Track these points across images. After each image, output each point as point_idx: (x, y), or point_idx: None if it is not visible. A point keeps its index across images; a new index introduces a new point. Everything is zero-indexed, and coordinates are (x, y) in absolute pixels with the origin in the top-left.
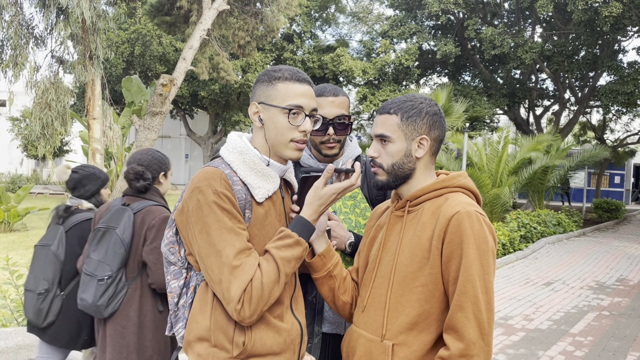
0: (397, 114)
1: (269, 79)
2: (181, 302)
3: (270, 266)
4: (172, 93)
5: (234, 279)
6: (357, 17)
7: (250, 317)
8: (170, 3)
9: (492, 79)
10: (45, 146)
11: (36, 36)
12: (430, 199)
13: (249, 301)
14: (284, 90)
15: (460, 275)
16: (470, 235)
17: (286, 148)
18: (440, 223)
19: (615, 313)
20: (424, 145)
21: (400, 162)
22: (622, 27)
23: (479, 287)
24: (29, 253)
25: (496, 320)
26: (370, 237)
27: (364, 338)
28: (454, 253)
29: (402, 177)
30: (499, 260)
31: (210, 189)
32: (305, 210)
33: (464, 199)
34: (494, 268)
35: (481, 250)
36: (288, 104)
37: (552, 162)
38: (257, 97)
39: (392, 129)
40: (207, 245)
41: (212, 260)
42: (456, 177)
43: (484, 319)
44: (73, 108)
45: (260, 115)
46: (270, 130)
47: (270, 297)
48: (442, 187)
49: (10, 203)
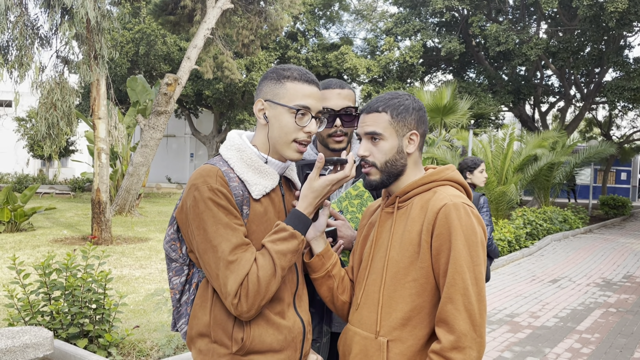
0: (387, 112)
1: (278, 77)
2: (184, 299)
3: (266, 260)
4: (177, 92)
5: (230, 274)
6: (361, 15)
7: (248, 312)
8: (175, 2)
9: (497, 75)
10: (51, 146)
11: (41, 36)
12: (419, 193)
13: (245, 295)
14: (292, 90)
15: (450, 268)
16: (458, 228)
17: (288, 148)
18: (428, 217)
19: (622, 310)
20: (414, 140)
21: (392, 159)
22: (627, 23)
23: (468, 278)
24: (36, 253)
25: (502, 318)
26: (363, 235)
27: (359, 336)
28: (443, 246)
29: (395, 174)
30: (504, 258)
31: (205, 185)
32: (300, 204)
33: (451, 192)
34: (484, 259)
35: (470, 241)
36: (296, 104)
37: (558, 159)
38: (264, 94)
39: (384, 127)
40: (204, 241)
41: (209, 256)
42: (444, 171)
43: (474, 310)
44: (78, 108)
45: (265, 112)
46: (274, 129)
47: (267, 291)
48: (431, 181)
49: (16, 203)
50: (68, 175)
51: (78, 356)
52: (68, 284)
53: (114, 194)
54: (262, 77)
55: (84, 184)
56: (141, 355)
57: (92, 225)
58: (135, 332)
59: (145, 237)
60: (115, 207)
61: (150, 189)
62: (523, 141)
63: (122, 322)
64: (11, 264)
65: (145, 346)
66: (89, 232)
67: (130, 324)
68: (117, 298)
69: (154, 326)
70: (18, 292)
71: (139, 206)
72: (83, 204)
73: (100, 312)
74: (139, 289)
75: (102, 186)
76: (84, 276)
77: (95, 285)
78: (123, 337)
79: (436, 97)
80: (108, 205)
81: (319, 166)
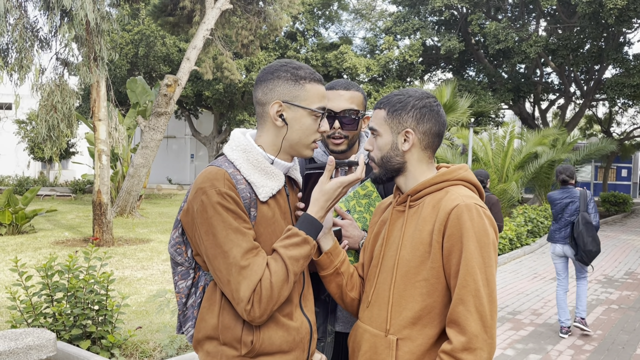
0: (385, 108)
1: (295, 77)
2: (190, 302)
3: (278, 266)
4: (177, 93)
5: (243, 280)
6: (360, 14)
7: (260, 317)
8: (174, 3)
9: (496, 73)
10: (52, 148)
11: (41, 39)
12: (430, 192)
13: (258, 301)
14: (312, 92)
15: (461, 269)
16: (470, 229)
17: (307, 148)
18: (440, 217)
19: (624, 306)
20: (409, 138)
21: (388, 156)
22: (627, 20)
23: (480, 280)
24: (37, 255)
25: (504, 315)
26: (375, 233)
27: (368, 333)
28: (455, 246)
29: (391, 170)
30: (506, 255)
31: (213, 189)
32: (311, 208)
33: (464, 192)
34: (495, 260)
35: (482, 243)
36: (318, 107)
37: (559, 156)
38: (281, 95)
39: (379, 123)
40: (213, 246)
41: (220, 262)
42: (456, 170)
43: (486, 312)
44: (78, 110)
45: (283, 114)
46: (294, 131)
47: (280, 296)
48: (443, 181)
49: (18, 205)
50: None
51: (81, 357)
52: (70, 286)
53: (115, 196)
54: (270, 75)
55: (84, 185)
56: (144, 356)
57: (94, 227)
58: (137, 333)
59: (146, 238)
60: (116, 208)
61: (151, 190)
62: (523, 139)
63: (124, 323)
64: (13, 266)
65: (148, 347)
66: (90, 234)
67: (133, 325)
68: (119, 299)
69: (157, 327)
70: (20, 294)
71: (140, 207)
72: (84, 205)
73: (102, 313)
74: (141, 290)
75: (103, 188)
76: (86, 277)
77: (98, 287)
78: (126, 338)
79: (436, 95)
80: (109, 207)
81: (330, 169)
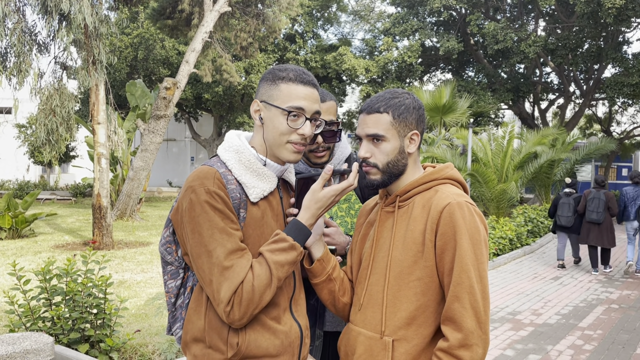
0: (389, 112)
1: (273, 78)
2: (179, 303)
3: (262, 269)
4: (176, 96)
5: (224, 281)
6: (359, 16)
7: (240, 320)
8: (172, 6)
9: (495, 73)
10: (51, 152)
11: (39, 43)
12: (419, 192)
13: (238, 304)
14: (286, 91)
15: (455, 266)
16: (462, 226)
17: (283, 149)
18: (432, 215)
19: (624, 306)
20: (415, 140)
21: (394, 160)
22: (625, 19)
23: (473, 276)
24: (37, 259)
25: (504, 316)
26: (362, 235)
27: (363, 336)
28: (448, 244)
29: (396, 174)
30: (506, 256)
31: (202, 188)
32: (302, 214)
33: (453, 190)
34: (486, 257)
35: (474, 240)
36: (289, 106)
37: (558, 156)
38: (260, 96)
39: (386, 128)
40: (198, 245)
41: (203, 261)
42: (444, 169)
43: (480, 308)
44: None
45: (261, 113)
46: (268, 130)
47: (261, 300)
48: (431, 180)
49: (18, 209)
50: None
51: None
52: (69, 289)
53: (114, 199)
54: (261, 78)
55: (84, 189)
56: (143, 359)
57: (94, 230)
58: (136, 336)
59: (146, 241)
60: (116, 211)
61: (151, 193)
62: (523, 139)
63: (123, 326)
64: (12, 270)
65: (147, 350)
66: (90, 237)
67: (132, 328)
68: (118, 302)
69: (156, 330)
70: (19, 298)
71: (140, 210)
72: (84, 209)
73: (101, 316)
74: (140, 293)
75: (103, 191)
76: (84, 281)
77: (96, 290)
78: (124, 342)
79: (435, 96)
80: (109, 210)
81: (325, 177)
